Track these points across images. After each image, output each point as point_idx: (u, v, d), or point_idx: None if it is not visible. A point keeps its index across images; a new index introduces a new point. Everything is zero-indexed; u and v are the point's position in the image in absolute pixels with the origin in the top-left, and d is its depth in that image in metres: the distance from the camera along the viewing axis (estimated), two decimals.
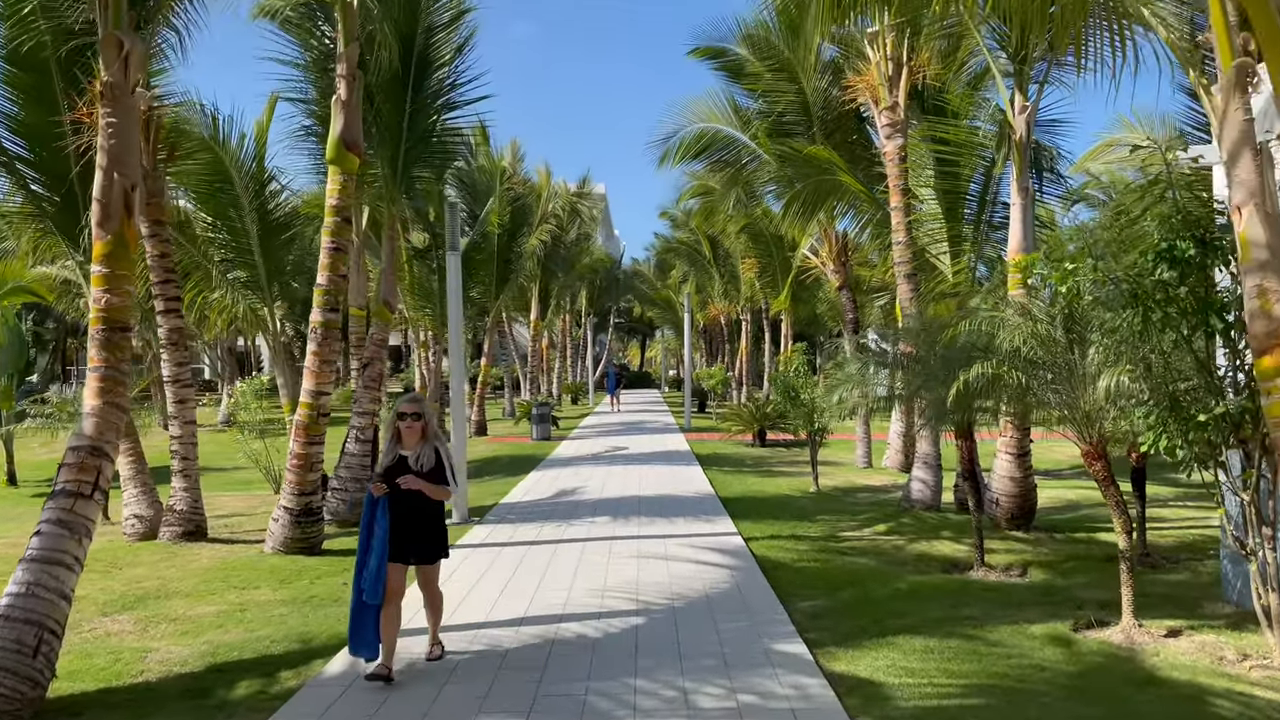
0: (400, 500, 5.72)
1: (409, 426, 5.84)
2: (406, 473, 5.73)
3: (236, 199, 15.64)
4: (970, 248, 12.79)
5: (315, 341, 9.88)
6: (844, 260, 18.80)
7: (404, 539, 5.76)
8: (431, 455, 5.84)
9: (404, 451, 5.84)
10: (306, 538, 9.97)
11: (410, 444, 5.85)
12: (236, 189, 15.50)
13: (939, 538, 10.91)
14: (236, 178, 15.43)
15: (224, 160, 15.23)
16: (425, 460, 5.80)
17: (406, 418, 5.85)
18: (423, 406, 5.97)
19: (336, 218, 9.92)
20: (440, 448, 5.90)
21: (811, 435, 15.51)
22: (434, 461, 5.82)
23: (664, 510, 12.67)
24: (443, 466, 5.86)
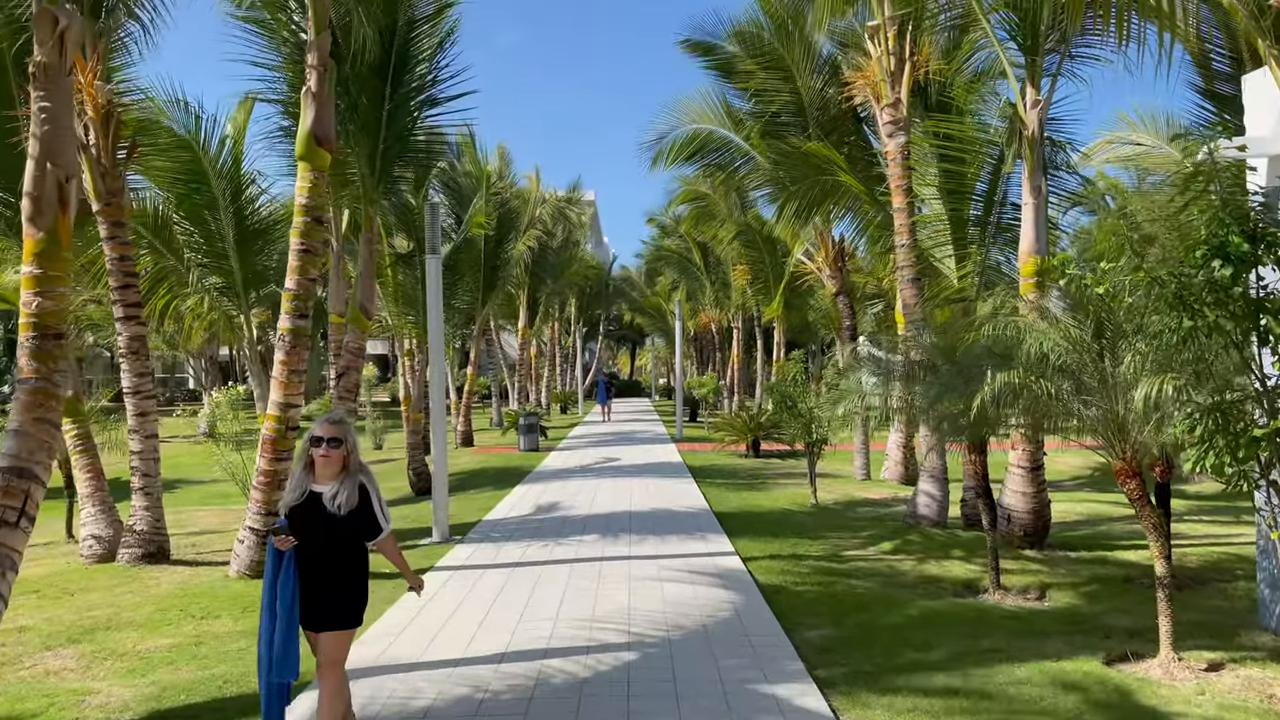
0: (311, 550, 4.50)
1: (324, 455, 4.51)
2: (318, 513, 4.50)
3: (213, 201, 15.03)
4: (976, 250, 12.22)
5: (283, 350, 9.22)
6: (841, 265, 18.23)
7: (310, 597, 4.51)
8: (354, 492, 4.54)
9: (317, 486, 4.55)
10: None
11: (326, 477, 4.55)
12: (214, 191, 14.91)
13: (949, 557, 10.30)
14: (214, 179, 14.84)
15: (202, 160, 14.65)
16: (345, 498, 4.51)
17: (321, 444, 4.52)
18: (344, 430, 4.61)
19: (307, 217, 9.27)
20: (367, 482, 4.64)
21: (809, 447, 14.90)
22: (357, 500, 4.56)
23: (657, 527, 12.03)
24: (369, 506, 4.60)
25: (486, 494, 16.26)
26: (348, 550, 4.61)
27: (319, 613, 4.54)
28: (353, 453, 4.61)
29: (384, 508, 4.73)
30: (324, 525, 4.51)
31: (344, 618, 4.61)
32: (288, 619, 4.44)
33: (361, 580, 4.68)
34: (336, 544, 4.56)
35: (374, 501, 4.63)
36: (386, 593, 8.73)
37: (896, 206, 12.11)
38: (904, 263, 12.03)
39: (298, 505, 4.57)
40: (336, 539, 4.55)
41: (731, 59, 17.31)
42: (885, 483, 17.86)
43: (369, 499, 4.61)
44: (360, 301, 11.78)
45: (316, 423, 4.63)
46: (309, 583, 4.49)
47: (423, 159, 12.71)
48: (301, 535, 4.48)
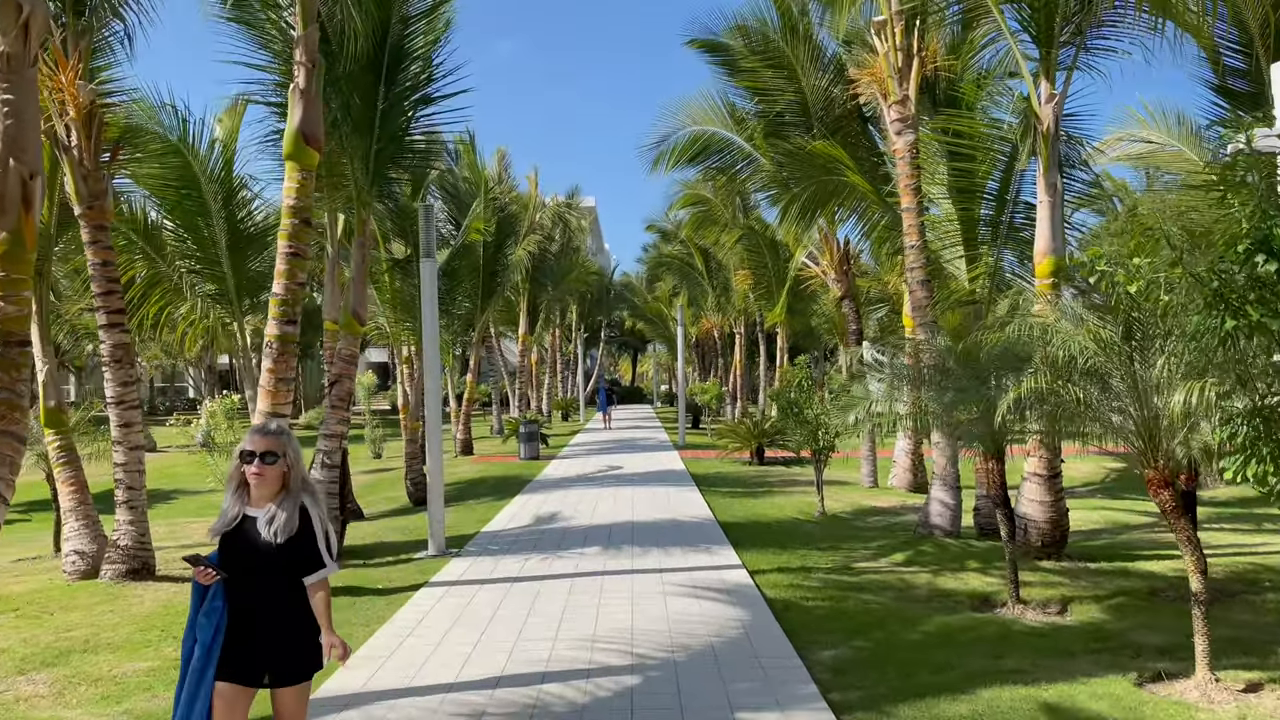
0: (243, 586, 3.70)
1: (258, 473, 3.69)
2: (251, 541, 3.69)
3: (205, 206, 14.69)
4: (988, 251, 11.85)
5: (270, 358, 8.85)
6: (846, 269, 17.87)
7: (252, 646, 3.71)
8: (293, 515, 3.71)
9: (252, 510, 3.74)
10: None
11: (262, 498, 3.73)
12: (205, 196, 14.57)
13: (964, 569, 9.91)
14: (205, 184, 14.50)
15: (192, 165, 14.33)
16: (282, 523, 3.67)
17: (255, 459, 3.69)
18: (282, 442, 3.76)
19: (295, 219, 8.91)
20: (310, 504, 3.78)
21: (816, 454, 14.52)
22: (297, 526, 3.71)
23: (660, 538, 11.65)
24: (311, 534, 3.74)
25: (486, 504, 15.89)
26: (288, 586, 3.73)
27: (267, 664, 3.74)
28: (294, 468, 3.77)
29: (331, 539, 3.82)
30: (256, 556, 3.67)
31: (298, 667, 3.81)
32: (200, 671, 3.64)
33: (313, 620, 3.79)
34: (272, 579, 3.70)
35: (316, 528, 3.76)
36: (377, 610, 8.37)
37: (905, 206, 11.76)
38: (914, 264, 11.67)
39: (228, 532, 3.75)
40: (272, 573, 3.69)
41: (736, 57, 16.98)
42: (893, 490, 17.47)
43: (310, 524, 3.74)
44: (353, 307, 11.43)
45: (247, 434, 3.84)
46: (243, 628, 3.68)
47: (419, 160, 12.37)
48: (232, 568, 3.70)
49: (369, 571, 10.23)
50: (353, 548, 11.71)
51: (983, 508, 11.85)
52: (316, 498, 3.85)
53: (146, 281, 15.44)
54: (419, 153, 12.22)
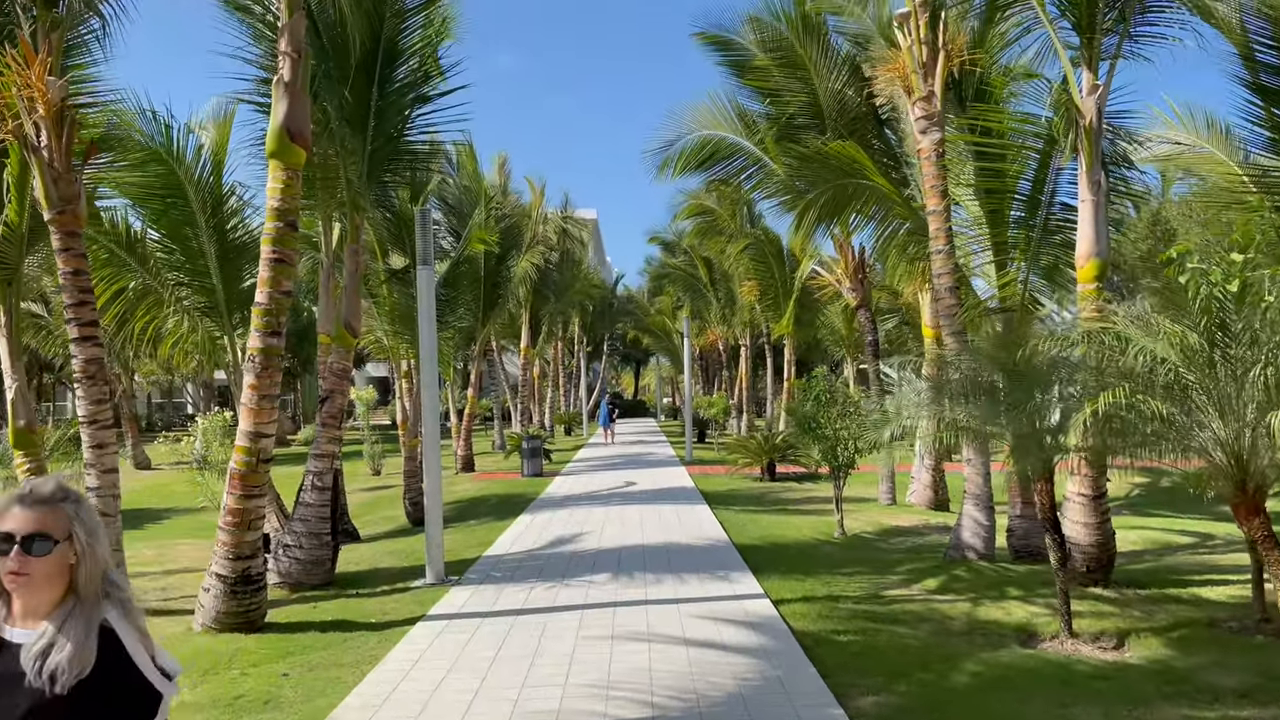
0: None
1: (15, 576, 2.02)
2: (11, 681, 1.96)
3: (192, 216, 14.05)
4: (1021, 256, 11.14)
5: (253, 372, 8.16)
6: (861, 277, 17.17)
7: None
8: (85, 644, 1.99)
9: (12, 632, 2.05)
10: (244, 611, 8.19)
11: (30, 611, 2.06)
12: (192, 205, 13.94)
13: (1005, 597, 9.16)
14: (191, 192, 13.86)
15: (178, 173, 13.70)
16: (66, 659, 1.96)
17: (13, 546, 2.01)
18: (64, 515, 2.06)
19: (280, 222, 8.23)
20: (119, 619, 2.06)
21: (835, 471, 13.78)
22: (93, 662, 1.98)
23: (674, 563, 10.91)
24: (117, 677, 2.01)
25: (488, 525, 15.15)
26: None
27: None
28: (85, 558, 2.07)
29: (162, 659, 2.13)
30: (14, 713, 1.97)
31: None
32: None
33: None
34: None
35: (130, 655, 2.04)
36: (369, 649, 7.63)
37: (932, 209, 11.07)
38: (941, 270, 10.96)
39: None
40: None
41: (746, 55, 16.32)
42: (913, 508, 16.73)
43: (116, 657, 2.02)
44: (345, 318, 10.73)
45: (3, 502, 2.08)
46: None
47: (417, 162, 11.67)
48: None
49: (362, 603, 9.49)
50: (346, 574, 10.98)
51: (1017, 528, 11.12)
52: (128, 607, 2.11)
53: (132, 295, 14.75)
54: (416, 155, 11.53)
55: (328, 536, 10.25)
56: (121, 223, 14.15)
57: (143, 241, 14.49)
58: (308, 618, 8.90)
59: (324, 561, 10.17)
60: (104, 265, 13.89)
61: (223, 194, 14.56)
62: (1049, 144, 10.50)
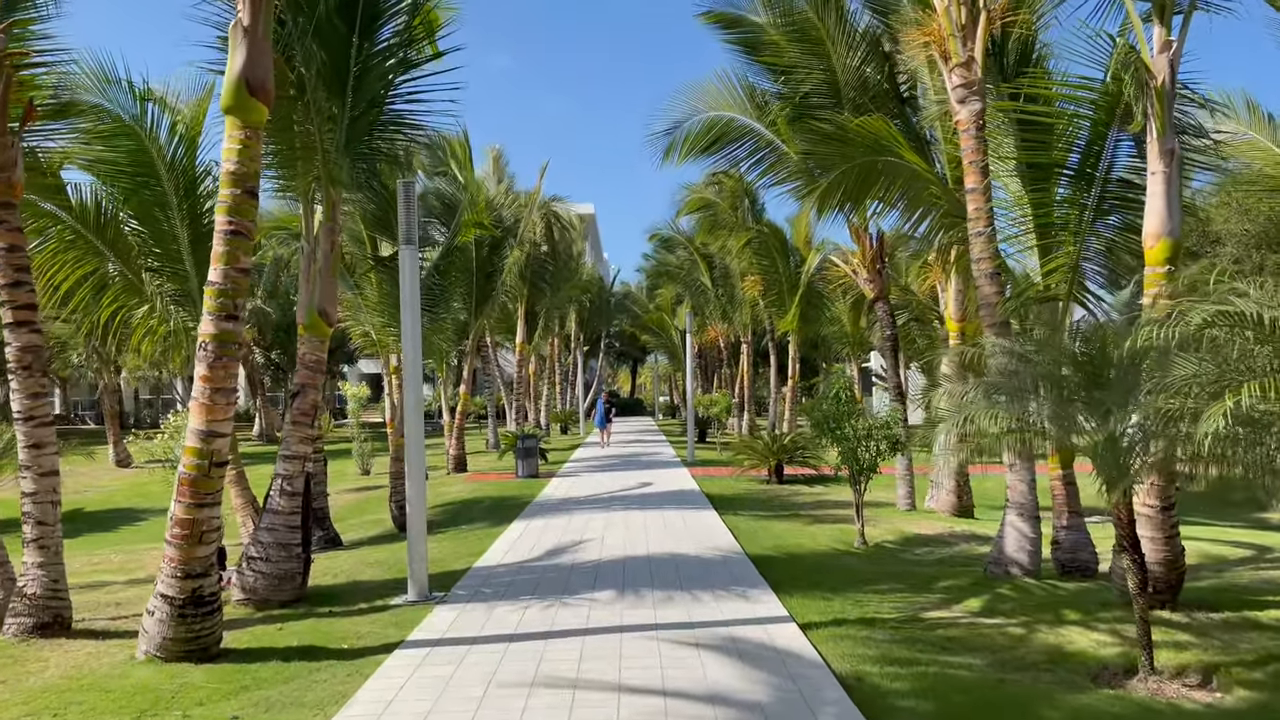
0: None
1: None
2: None
3: (164, 197, 12.97)
4: (1069, 238, 10.06)
5: (205, 362, 7.06)
6: (880, 267, 16.09)
7: None
8: None
9: None
10: (194, 638, 7.09)
11: None
12: (164, 185, 12.86)
13: (1061, 621, 8.10)
14: (164, 172, 12.80)
15: (149, 150, 12.64)
16: None
17: None
18: None
19: (236, 189, 7.14)
20: None
21: (855, 475, 12.71)
22: None
23: (684, 578, 9.83)
24: None
25: (479, 531, 14.05)
26: None
27: None
28: None
29: None
30: None
31: None
32: None
33: None
34: None
35: None
36: (336, 683, 6.55)
37: (970, 188, 10.00)
38: (981, 255, 9.89)
39: None
40: None
41: (757, 33, 15.24)
42: (934, 514, 15.67)
43: None
44: (319, 304, 9.63)
45: None
46: None
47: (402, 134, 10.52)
48: None
49: (334, 624, 8.38)
50: (320, 589, 9.88)
51: (1064, 540, 10.06)
52: None
53: (96, 281, 13.62)
54: (402, 125, 10.40)
55: (298, 548, 9.15)
56: (90, 202, 13.06)
57: (112, 223, 13.39)
58: (271, 642, 7.81)
59: (294, 576, 9.07)
60: (69, 248, 12.84)
61: (197, 174, 13.48)
62: (1104, 112, 9.42)
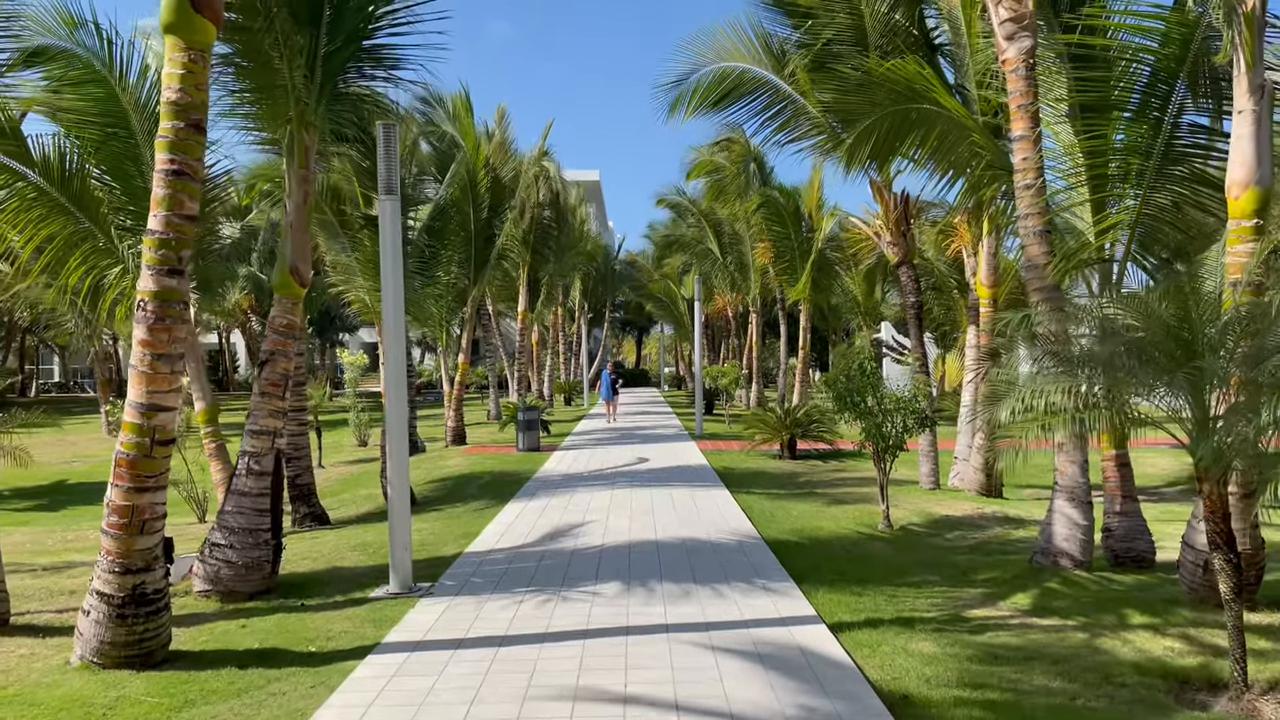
0: None
1: None
2: None
3: (136, 150, 11.98)
4: (1129, 190, 9.00)
5: (145, 324, 6.08)
6: (905, 229, 15.00)
7: None
8: None
9: None
10: (137, 641, 6.17)
11: None
12: (136, 137, 11.87)
13: (1125, 623, 7.13)
14: (136, 122, 11.80)
15: (120, 98, 11.67)
16: None
17: None
18: None
19: (179, 121, 6.13)
20: None
21: (879, 453, 11.74)
22: None
23: (698, 568, 8.89)
24: None
25: (474, 510, 13.13)
26: None
27: None
28: None
29: None
30: None
31: None
32: None
33: None
34: None
35: None
36: (296, 699, 5.62)
37: (1018, 135, 8.93)
38: (1029, 210, 8.84)
39: None
40: None
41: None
42: (960, 493, 14.70)
43: None
44: (290, 261, 8.62)
45: None
46: None
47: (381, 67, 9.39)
48: None
49: (304, 620, 7.45)
50: (295, 577, 8.95)
51: (1117, 528, 9.09)
52: None
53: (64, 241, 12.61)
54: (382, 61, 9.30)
55: (267, 533, 8.21)
56: (54, 154, 12.07)
57: (78, 176, 12.39)
58: (230, 643, 6.88)
59: (262, 564, 8.14)
60: (32, 205, 11.88)
61: None
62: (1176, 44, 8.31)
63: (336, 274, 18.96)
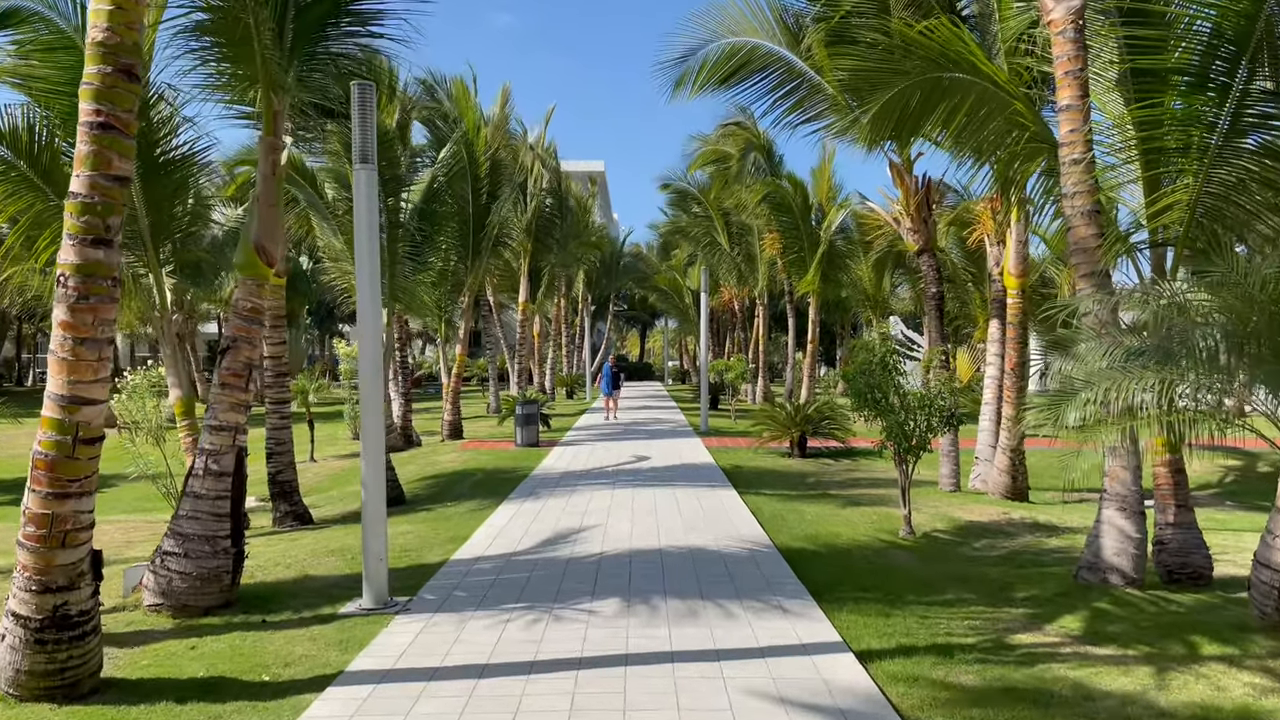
0: None
1: None
2: None
3: None
4: (1190, 165, 8.10)
5: (65, 303, 5.23)
6: (926, 215, 14.10)
7: None
8: None
9: None
10: (59, 670, 5.32)
11: None
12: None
13: (1197, 654, 6.24)
14: None
15: None
16: None
17: None
18: None
19: (105, 65, 5.27)
20: None
21: (901, 455, 10.87)
22: None
23: (704, 581, 8.02)
24: None
25: (464, 511, 12.27)
26: None
27: None
28: None
29: None
30: None
31: None
32: None
33: None
34: None
35: None
36: None
37: (1066, 104, 8.04)
38: (1077, 187, 7.96)
39: None
40: None
41: None
42: (982, 496, 13.83)
43: None
44: (255, 239, 7.74)
45: None
46: None
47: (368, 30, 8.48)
48: None
49: (262, 641, 6.58)
50: (260, 588, 8.09)
51: (1171, 540, 8.20)
52: None
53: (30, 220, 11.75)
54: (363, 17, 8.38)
55: (226, 540, 7.34)
56: (22, 126, 11.26)
57: (47, 150, 11.55)
58: (174, 670, 6.02)
59: (220, 575, 7.28)
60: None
61: (148, 99, 11.65)
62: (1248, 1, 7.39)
63: (329, 259, 18.14)
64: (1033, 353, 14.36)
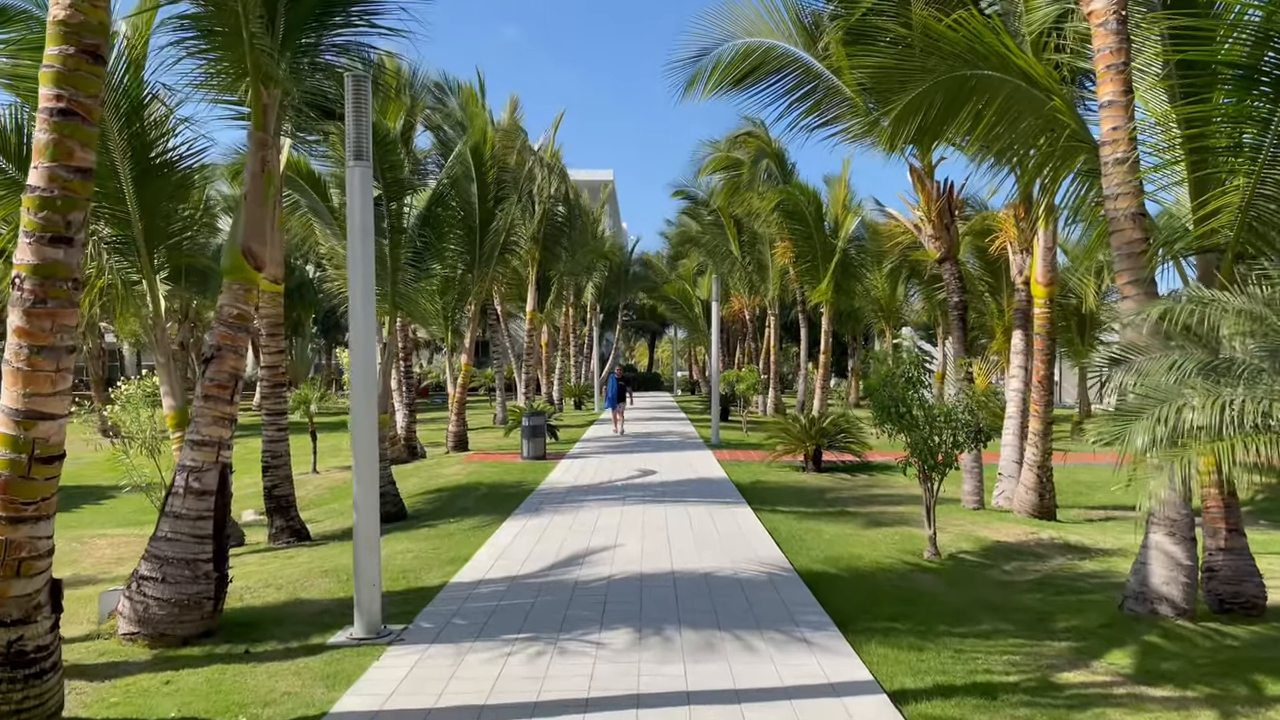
0: None
1: None
2: None
3: (102, 124, 10.65)
4: (1242, 165, 7.56)
5: (21, 307, 4.75)
6: (949, 222, 13.58)
7: None
8: None
9: None
10: (13, 713, 4.82)
11: None
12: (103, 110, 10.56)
13: (1261, 695, 5.68)
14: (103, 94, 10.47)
15: None
16: None
17: None
18: None
19: (67, 46, 4.81)
20: None
21: (926, 473, 10.31)
22: None
23: (720, 609, 7.48)
24: None
25: (467, 528, 11.75)
26: None
27: None
28: None
29: None
30: None
31: None
32: None
33: None
34: None
35: None
36: None
37: (1108, 99, 7.52)
38: (1120, 188, 7.43)
39: None
40: None
41: None
42: (1008, 514, 13.25)
43: None
44: (242, 241, 7.26)
45: None
46: None
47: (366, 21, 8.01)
48: None
49: (243, 675, 6.07)
50: (246, 613, 7.58)
51: (1222, 568, 7.63)
52: None
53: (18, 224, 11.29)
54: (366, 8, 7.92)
55: (208, 564, 6.85)
56: (10, 126, 10.88)
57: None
58: (144, 709, 5.51)
59: (201, 601, 6.78)
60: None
61: (142, 98, 11.27)
62: None
63: (334, 266, 17.71)
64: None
